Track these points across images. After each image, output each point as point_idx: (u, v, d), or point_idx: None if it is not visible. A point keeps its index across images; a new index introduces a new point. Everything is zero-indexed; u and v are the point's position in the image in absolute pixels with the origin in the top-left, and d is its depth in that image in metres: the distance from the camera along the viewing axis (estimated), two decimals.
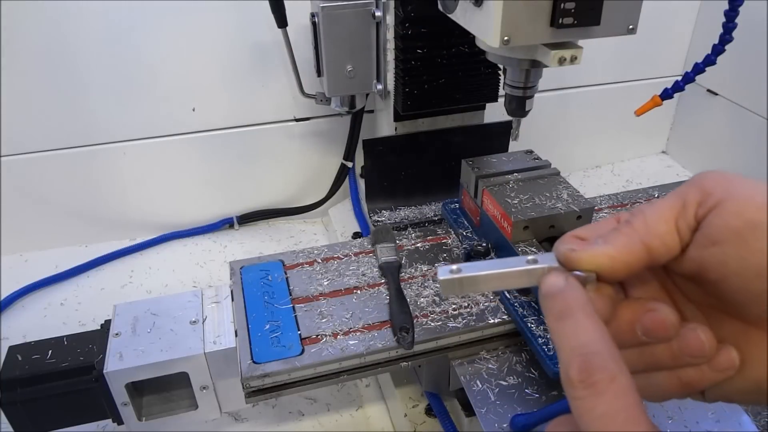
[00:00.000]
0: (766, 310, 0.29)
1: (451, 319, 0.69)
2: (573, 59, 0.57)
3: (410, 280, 0.75)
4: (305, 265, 0.78)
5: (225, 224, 1.22)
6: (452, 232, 0.84)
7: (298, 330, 0.68)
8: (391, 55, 0.85)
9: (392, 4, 0.80)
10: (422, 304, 0.71)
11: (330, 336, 0.67)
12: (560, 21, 0.54)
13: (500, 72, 0.84)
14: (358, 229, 1.09)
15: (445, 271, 0.32)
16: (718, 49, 0.73)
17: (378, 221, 0.89)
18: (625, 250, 0.30)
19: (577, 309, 0.28)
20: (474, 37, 0.63)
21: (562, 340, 0.28)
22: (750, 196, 0.28)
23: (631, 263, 0.30)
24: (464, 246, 0.78)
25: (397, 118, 0.90)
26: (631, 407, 0.25)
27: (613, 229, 0.31)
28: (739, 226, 0.28)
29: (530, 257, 0.32)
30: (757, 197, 0.28)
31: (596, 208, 0.87)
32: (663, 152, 1.46)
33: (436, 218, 0.88)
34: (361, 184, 1.02)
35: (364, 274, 0.76)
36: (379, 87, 0.91)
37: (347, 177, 1.16)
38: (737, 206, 0.28)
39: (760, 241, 0.27)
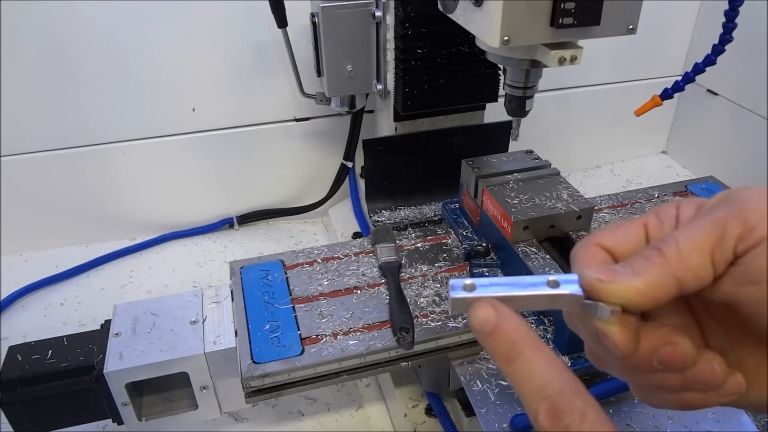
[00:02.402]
0: None
1: (451, 319, 0.68)
2: (573, 59, 0.57)
3: (410, 280, 0.75)
4: (305, 265, 0.78)
5: (225, 224, 1.22)
6: (452, 232, 0.84)
7: (298, 330, 0.68)
8: (391, 55, 0.85)
9: (392, 4, 0.80)
10: (422, 304, 0.71)
11: (330, 336, 0.67)
12: (560, 21, 0.54)
13: (500, 72, 0.84)
14: (358, 229, 1.08)
15: (457, 288, 0.29)
16: (718, 49, 0.73)
17: (378, 221, 0.89)
18: (655, 284, 0.28)
19: (523, 345, 0.27)
20: (474, 37, 0.63)
21: (519, 384, 0.27)
22: None
23: (660, 298, 0.28)
24: (464, 246, 0.78)
25: (397, 118, 0.90)
26: None
27: (643, 258, 0.29)
28: None
29: (551, 278, 0.29)
30: None
31: (596, 208, 0.87)
32: (663, 152, 1.46)
33: (436, 218, 0.88)
34: (361, 184, 1.02)
35: (364, 274, 0.76)
36: (379, 87, 0.91)
37: (347, 177, 1.16)
38: None
39: None
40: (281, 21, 0.91)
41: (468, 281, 0.29)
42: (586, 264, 0.30)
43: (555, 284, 0.29)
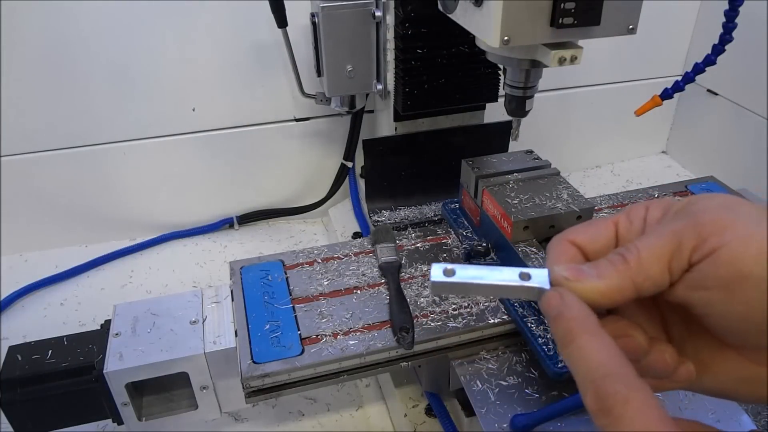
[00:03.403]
0: (744, 344, 0.31)
1: (451, 319, 0.68)
2: (573, 59, 0.57)
3: (410, 280, 0.75)
4: (305, 265, 0.78)
5: (225, 224, 1.22)
6: (452, 232, 0.84)
7: (298, 330, 0.68)
8: (391, 55, 0.85)
9: (392, 4, 0.80)
10: (422, 304, 0.71)
11: (330, 336, 0.67)
12: (560, 21, 0.54)
13: (500, 72, 0.84)
14: (358, 229, 1.09)
15: (438, 273, 0.32)
16: (718, 49, 0.73)
17: (378, 221, 0.88)
18: (614, 287, 0.31)
19: (579, 331, 0.29)
20: (474, 37, 0.63)
21: (574, 367, 0.29)
22: (745, 244, 0.28)
23: (619, 300, 0.31)
24: (464, 246, 0.78)
25: (397, 118, 0.90)
26: (653, 421, 0.26)
27: (608, 262, 0.31)
28: (729, 276, 0.28)
29: (524, 270, 0.32)
30: (752, 247, 0.28)
31: (596, 208, 0.87)
32: (663, 152, 1.46)
33: (436, 218, 0.88)
34: (361, 184, 1.02)
35: (364, 274, 0.76)
36: (379, 87, 0.91)
37: (347, 177, 1.16)
38: (730, 256, 0.28)
39: (747, 292, 0.28)
40: (281, 21, 0.91)
41: (449, 267, 0.32)
42: (558, 259, 0.33)
43: (526, 277, 0.32)
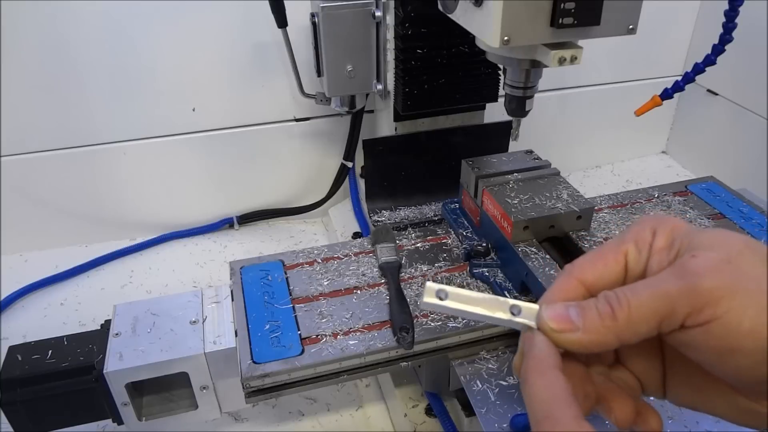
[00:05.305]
0: (734, 386, 0.32)
1: (451, 319, 0.68)
2: (573, 59, 0.57)
3: (410, 280, 0.75)
4: (305, 265, 0.78)
5: (225, 224, 1.22)
6: (452, 232, 0.84)
7: (298, 330, 0.68)
8: (391, 55, 0.85)
9: (392, 4, 0.80)
10: None
11: (330, 336, 0.67)
12: (560, 21, 0.54)
13: (500, 72, 0.84)
14: (358, 229, 1.09)
15: (431, 294, 0.34)
16: (718, 49, 0.73)
17: (378, 221, 0.88)
18: (597, 342, 0.32)
19: (532, 371, 0.31)
20: (474, 37, 0.63)
21: (525, 405, 0.31)
22: (739, 317, 0.28)
23: (599, 350, 0.32)
24: (464, 246, 0.78)
25: (397, 118, 0.90)
26: None
27: (597, 313, 0.32)
28: (720, 347, 0.29)
29: (515, 303, 0.33)
30: (746, 322, 0.28)
31: (596, 208, 0.86)
32: (663, 152, 1.46)
33: (436, 218, 0.88)
34: (361, 184, 1.02)
35: (364, 274, 0.76)
36: (379, 87, 0.91)
37: (347, 177, 1.16)
38: (723, 331, 0.29)
39: (737, 360, 0.29)
40: (281, 21, 0.91)
41: (442, 289, 0.34)
42: (555, 295, 0.34)
43: (516, 312, 0.33)
